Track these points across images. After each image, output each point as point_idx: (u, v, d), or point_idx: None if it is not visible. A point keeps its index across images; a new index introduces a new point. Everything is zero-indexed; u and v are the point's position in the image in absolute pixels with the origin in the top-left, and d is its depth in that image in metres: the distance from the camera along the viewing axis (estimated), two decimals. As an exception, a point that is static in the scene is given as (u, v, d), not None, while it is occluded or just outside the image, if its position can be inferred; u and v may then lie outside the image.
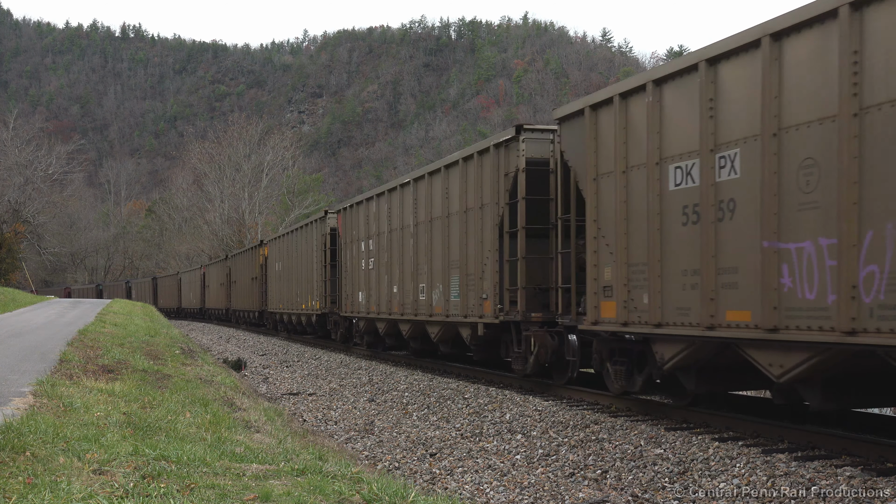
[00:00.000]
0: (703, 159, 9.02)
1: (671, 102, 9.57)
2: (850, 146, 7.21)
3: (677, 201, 9.45)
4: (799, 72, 7.79)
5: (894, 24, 6.87)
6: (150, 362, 12.89)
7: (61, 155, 65.28)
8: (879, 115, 6.96)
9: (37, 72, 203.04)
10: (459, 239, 15.28)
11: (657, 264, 9.75)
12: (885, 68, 6.90)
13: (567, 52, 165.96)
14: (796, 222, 7.88)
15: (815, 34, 7.57)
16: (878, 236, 6.99)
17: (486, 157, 14.15)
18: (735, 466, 7.78)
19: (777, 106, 8.01)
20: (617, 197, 10.50)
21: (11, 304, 32.51)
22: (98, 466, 5.33)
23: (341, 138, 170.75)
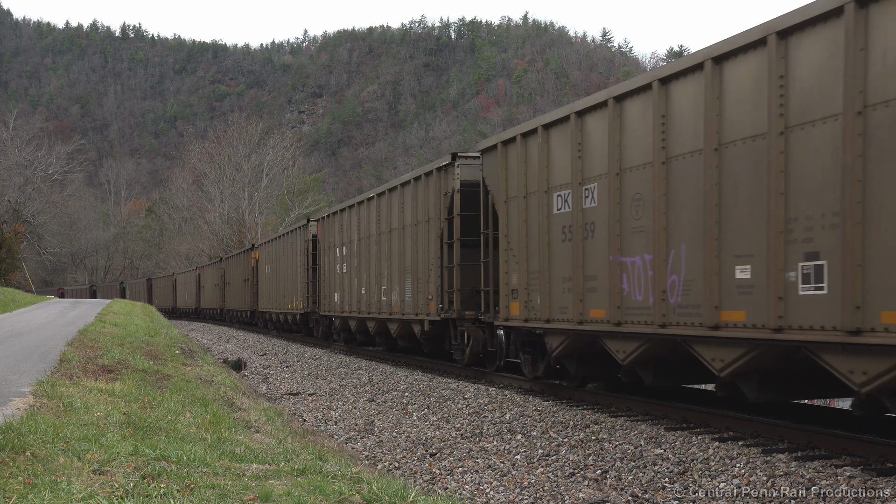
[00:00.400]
0: (574, 190, 11.53)
1: (555, 144, 11.99)
2: (660, 186, 9.72)
3: (559, 222, 11.92)
4: (633, 126, 10.28)
5: (690, 97, 9.31)
6: (150, 362, 12.89)
7: (61, 155, 65.29)
8: (677, 163, 9.49)
9: (37, 72, 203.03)
10: (411, 248, 17.83)
11: (546, 272, 12.21)
12: (685, 129, 9.38)
13: (567, 52, 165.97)
14: (630, 242, 10.40)
15: (641, 101, 10.12)
16: (677, 254, 9.55)
17: (431, 179, 16.69)
18: (735, 466, 7.78)
19: (619, 152, 10.48)
20: (520, 217, 12.97)
21: (11, 305, 32.51)
22: (98, 466, 5.33)
23: (341, 138, 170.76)
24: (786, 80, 8.04)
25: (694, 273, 9.29)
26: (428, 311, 16.82)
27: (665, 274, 9.70)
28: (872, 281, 7.16)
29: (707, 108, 8.89)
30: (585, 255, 11.27)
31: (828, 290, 7.65)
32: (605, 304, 10.82)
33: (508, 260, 13.45)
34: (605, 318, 10.80)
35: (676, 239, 9.56)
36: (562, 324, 11.78)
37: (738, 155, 8.65)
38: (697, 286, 9.22)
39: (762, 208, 8.33)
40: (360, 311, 21.40)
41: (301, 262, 27.99)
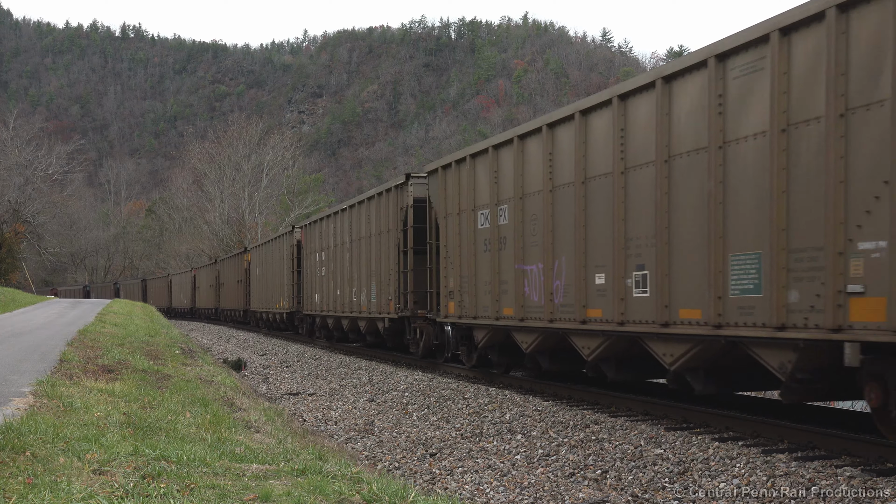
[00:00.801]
0: (491, 210, 14.02)
1: (479, 171, 14.50)
2: (548, 209, 12.18)
3: (482, 236, 14.39)
4: (531, 160, 12.73)
5: (569, 141, 11.62)
6: (150, 362, 12.89)
7: (61, 155, 65.28)
8: (559, 191, 11.95)
9: (37, 72, 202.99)
10: (375, 254, 20.36)
11: (473, 277, 14.69)
12: (564, 165, 11.80)
13: (567, 52, 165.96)
14: (530, 253, 12.83)
15: (537, 140, 12.55)
16: (560, 264, 11.96)
17: (390, 195, 19.28)
18: (735, 466, 7.78)
19: (522, 180, 12.96)
20: (454, 230, 15.42)
21: (11, 304, 32.52)
22: (98, 466, 5.33)
23: (341, 138, 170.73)
24: (625, 132, 10.44)
25: (570, 279, 11.69)
26: (388, 310, 19.32)
27: (552, 279, 12.21)
28: (675, 286, 9.60)
29: (577, 152, 11.44)
30: (500, 263, 13.80)
31: (650, 293, 10.06)
32: (513, 304, 13.34)
33: (447, 266, 15.87)
34: (514, 315, 13.27)
35: (559, 252, 12.03)
36: (484, 320, 14.34)
37: (597, 187, 11.09)
38: (572, 290, 11.64)
39: (611, 230, 10.76)
40: (336, 310, 23.95)
41: (287, 266, 30.27)
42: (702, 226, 9.19)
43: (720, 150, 8.92)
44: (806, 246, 7.93)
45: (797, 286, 8.01)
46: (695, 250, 9.32)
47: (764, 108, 8.38)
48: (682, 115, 9.53)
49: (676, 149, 9.61)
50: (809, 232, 7.88)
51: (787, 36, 8.14)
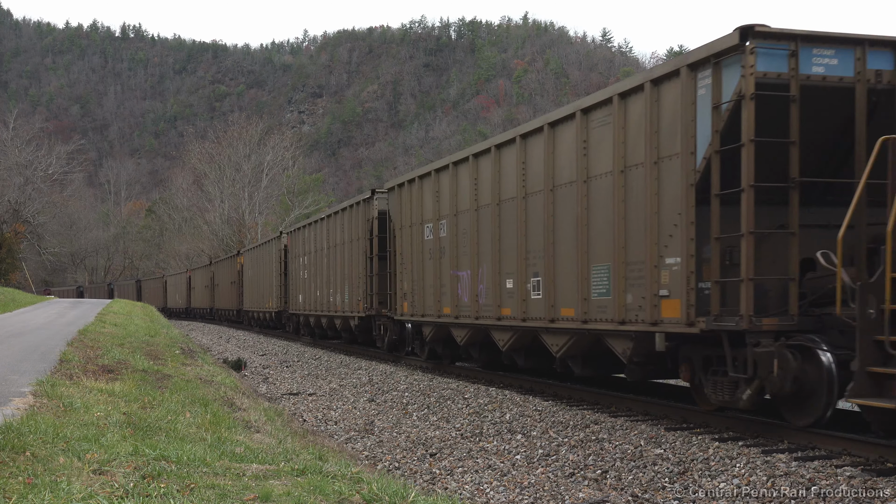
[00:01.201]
0: (434, 224, 16.55)
1: (425, 190, 16.97)
2: (474, 224, 14.70)
3: (427, 246, 16.89)
4: (463, 183, 15.27)
5: (489, 169, 14.02)
6: (150, 362, 12.89)
7: (61, 155, 65.26)
8: (482, 210, 14.42)
9: (37, 72, 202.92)
10: (348, 260, 22.74)
11: (421, 280, 17.16)
12: (485, 189, 14.28)
13: (567, 52, 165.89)
14: (462, 261, 15.29)
15: (468, 167, 14.95)
16: (483, 271, 14.40)
17: (360, 207, 21.77)
18: (735, 466, 7.78)
19: (456, 199, 15.48)
20: (407, 240, 18.01)
21: (11, 304, 32.52)
22: (98, 466, 5.33)
23: (341, 138, 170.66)
24: (525, 165, 12.90)
25: (489, 284, 14.09)
26: (358, 309, 21.82)
27: (477, 284, 14.62)
28: (558, 290, 11.99)
29: (493, 179, 13.90)
30: (441, 269, 16.22)
31: (542, 296, 12.44)
32: (450, 304, 15.73)
33: (401, 271, 18.42)
34: (451, 314, 15.68)
35: (482, 261, 14.45)
36: (430, 318, 16.81)
37: (507, 208, 13.53)
38: (491, 292, 14.05)
39: (516, 244, 13.13)
40: (317, 309, 26.44)
41: (275, 268, 32.63)
42: (574, 243, 11.54)
43: (585, 183, 11.30)
44: (636, 260, 10.24)
45: (631, 290, 10.35)
46: (570, 262, 11.67)
47: (610, 153, 10.75)
48: (562, 155, 11.96)
49: (558, 181, 12.04)
50: (638, 249, 10.19)
51: (624, 100, 10.53)
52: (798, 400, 8.70)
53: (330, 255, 24.61)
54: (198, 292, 54.22)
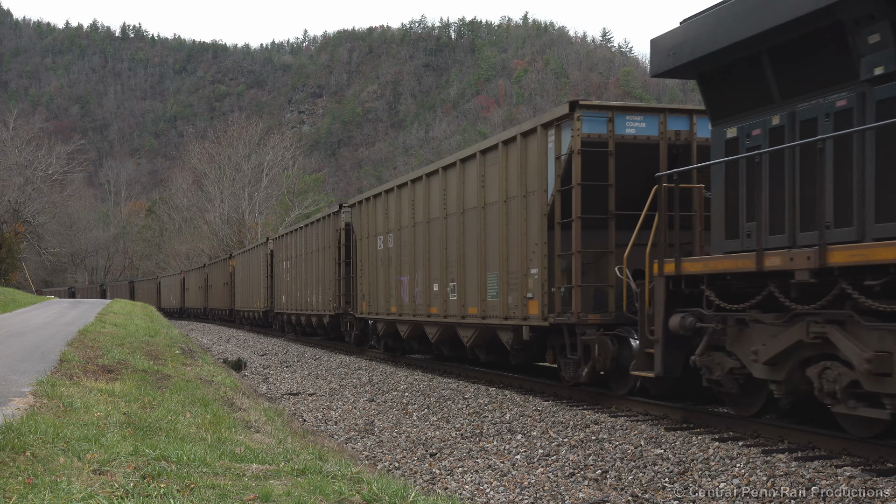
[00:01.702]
0: (384, 236, 19.71)
1: (378, 207, 20.29)
2: (411, 239, 17.72)
3: (380, 255, 19.97)
4: (402, 205, 18.39)
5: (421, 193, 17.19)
6: (150, 362, 12.89)
7: (61, 155, 65.24)
8: (416, 227, 17.47)
9: (37, 72, 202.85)
10: (322, 265, 25.86)
11: (375, 284, 20.34)
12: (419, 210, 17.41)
13: (567, 52, 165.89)
14: (403, 268, 18.36)
15: (407, 190, 18.12)
16: (417, 276, 17.42)
17: (329, 219, 25.06)
18: (735, 466, 7.78)
19: (399, 217, 18.65)
20: (364, 250, 21.35)
21: (11, 305, 32.51)
22: (98, 466, 5.33)
23: (341, 138, 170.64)
24: (446, 191, 16.12)
25: (422, 287, 17.18)
26: (329, 308, 24.96)
27: (414, 287, 17.72)
28: (467, 293, 15.13)
29: (424, 201, 17.18)
30: (389, 274, 19.26)
31: (457, 297, 15.53)
32: (395, 304, 18.90)
33: (361, 275, 21.56)
34: (396, 312, 18.86)
35: (417, 268, 17.56)
36: (382, 315, 19.92)
37: (434, 226, 16.72)
38: (423, 294, 17.16)
39: (439, 255, 16.31)
40: (297, 309, 29.42)
41: (263, 271, 35.34)
42: (477, 255, 14.74)
43: (483, 209, 14.50)
44: (514, 270, 13.38)
45: (511, 293, 13.48)
46: (474, 270, 14.87)
47: (497, 186, 13.93)
48: (469, 185, 15.16)
49: (467, 206, 15.24)
50: (514, 262, 13.33)
51: (506, 146, 13.65)
52: (619, 375, 11.55)
53: (307, 261, 27.69)
54: (192, 293, 57.04)
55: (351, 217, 22.92)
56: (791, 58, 8.63)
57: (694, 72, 9.85)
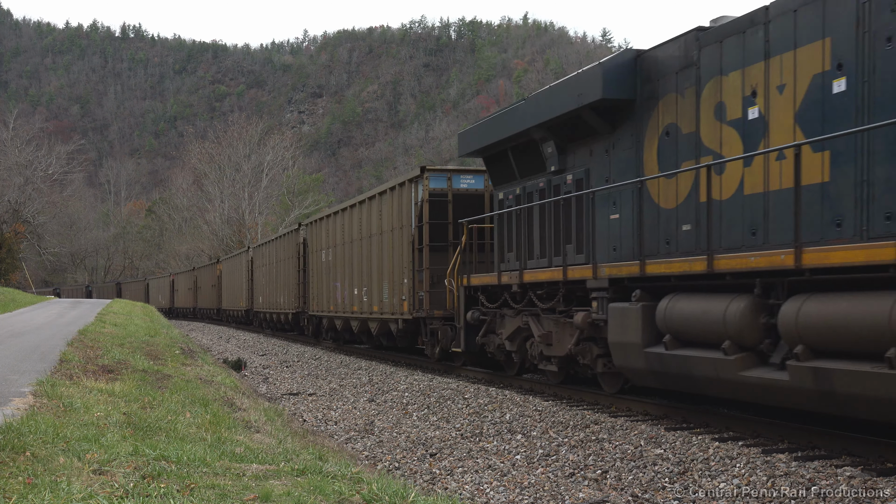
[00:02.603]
0: (326, 251, 24.98)
1: (323, 229, 25.61)
2: (342, 255, 23.33)
3: (324, 265, 25.11)
4: (337, 227, 24.24)
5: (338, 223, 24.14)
6: (149, 362, 12.89)
7: (61, 155, 65.23)
8: (340, 247, 23.59)
9: (37, 72, 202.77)
10: (287, 272, 31.14)
11: (321, 287, 25.69)
12: (348, 232, 23.01)
13: (567, 52, 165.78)
14: (337, 276, 23.78)
15: (339, 217, 24.07)
16: (346, 283, 22.92)
17: (291, 236, 30.67)
18: (735, 466, 7.78)
19: (334, 237, 24.23)
20: (315, 261, 26.71)
21: (11, 305, 32.51)
22: (98, 466, 5.33)
23: (341, 138, 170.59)
24: (361, 220, 21.42)
25: (348, 291, 22.39)
26: (292, 308, 30.40)
27: (343, 290, 23.00)
28: (373, 295, 20.19)
29: (348, 227, 22.65)
30: (330, 281, 24.70)
31: (367, 298, 20.61)
32: (333, 304, 24.25)
33: (312, 281, 27.16)
34: (333, 310, 24.22)
35: (345, 276, 22.88)
36: (325, 313, 25.41)
37: (355, 246, 21.98)
38: (348, 296, 22.35)
39: (358, 267, 21.56)
40: (271, 308, 34.53)
41: (245, 276, 40.38)
42: (377, 269, 20.16)
43: (380, 235, 20.11)
44: (396, 280, 18.75)
45: (395, 296, 18.91)
46: (376, 279, 20.22)
47: (389, 219, 19.41)
48: (374, 217, 20.67)
49: (373, 232, 20.73)
50: (396, 274, 18.73)
51: (392, 191, 19.17)
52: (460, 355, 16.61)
53: (277, 268, 33.00)
54: (181, 294, 62.18)
55: (307, 234, 28.29)
56: (522, 154, 14.01)
57: (480, 155, 15.48)
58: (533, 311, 13.16)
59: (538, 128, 12.74)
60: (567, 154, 12.71)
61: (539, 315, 13.00)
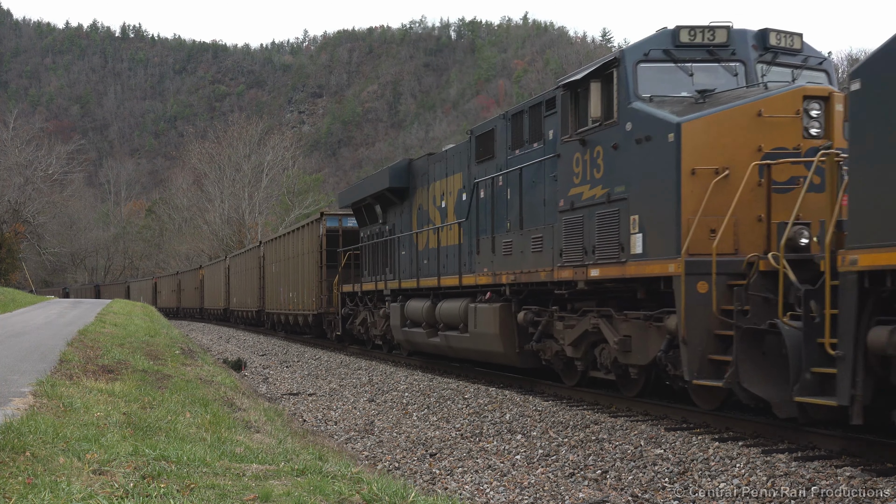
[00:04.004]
0: (274, 264, 32.86)
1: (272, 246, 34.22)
2: (280, 268, 32.10)
3: (273, 275, 33.20)
4: (277, 248, 33.34)
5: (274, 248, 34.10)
6: (149, 362, 12.89)
7: (61, 155, 65.20)
8: (282, 262, 32.02)
9: (37, 72, 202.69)
10: (251, 280, 38.01)
11: (273, 291, 33.22)
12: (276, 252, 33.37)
13: (567, 52, 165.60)
14: (280, 282, 31.63)
15: (275, 242, 34.15)
16: (285, 287, 31.04)
17: (254, 250, 37.94)
18: (735, 467, 7.78)
19: (275, 255, 33.03)
20: (270, 271, 34.10)
21: (11, 305, 32.51)
22: (98, 466, 5.33)
23: (341, 138, 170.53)
24: (287, 246, 30.82)
25: (285, 294, 30.22)
26: (255, 307, 37.23)
27: (285, 294, 30.29)
28: (299, 297, 28.40)
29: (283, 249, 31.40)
30: (276, 286, 31.80)
31: (295, 299, 28.84)
32: (280, 304, 31.08)
33: (268, 286, 33.91)
34: (279, 308, 31.23)
35: (283, 284, 30.53)
36: (274, 310, 32.37)
37: (287, 262, 30.42)
38: (285, 299, 30.32)
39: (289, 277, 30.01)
40: (241, 307, 41.29)
41: (223, 280, 46.59)
42: (298, 278, 28.09)
43: (303, 256, 27.64)
44: (309, 287, 26.71)
45: (307, 298, 26.87)
46: (298, 286, 28.16)
47: (305, 246, 27.34)
48: (296, 243, 28.77)
49: (297, 253, 28.19)
50: (310, 282, 26.70)
51: (308, 226, 27.41)
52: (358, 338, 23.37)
53: (246, 276, 39.77)
54: (164, 295, 67.90)
55: (265, 250, 35.53)
56: (368, 210, 21.63)
57: (351, 208, 22.90)
58: (367, 308, 21.78)
59: (370, 197, 20.78)
60: (386, 213, 20.59)
61: (372, 310, 21.40)
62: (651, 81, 10.31)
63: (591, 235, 10.91)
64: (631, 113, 10.18)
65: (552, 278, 11.89)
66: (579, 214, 11.21)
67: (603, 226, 10.68)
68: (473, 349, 14.98)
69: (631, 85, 10.24)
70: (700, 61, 10.40)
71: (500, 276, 13.61)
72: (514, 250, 13.28)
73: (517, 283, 13.10)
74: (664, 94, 10.27)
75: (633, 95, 10.20)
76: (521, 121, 13.41)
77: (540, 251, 12.38)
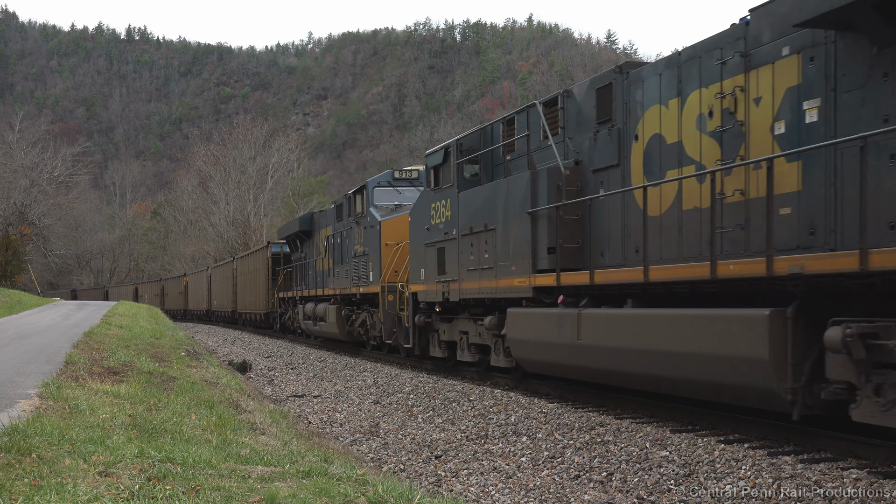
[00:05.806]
0: (242, 275, 43.76)
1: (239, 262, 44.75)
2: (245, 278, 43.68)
3: (241, 283, 43.55)
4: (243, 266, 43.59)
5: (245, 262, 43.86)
6: (155, 364, 12.90)
7: (67, 157, 65.33)
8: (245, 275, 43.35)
9: (42, 74, 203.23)
10: (227, 286, 46.30)
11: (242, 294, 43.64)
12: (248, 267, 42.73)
13: (572, 53, 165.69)
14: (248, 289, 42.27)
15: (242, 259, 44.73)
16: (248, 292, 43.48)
17: (229, 264, 46.63)
18: (741, 469, 7.76)
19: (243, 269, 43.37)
20: (242, 280, 43.77)
21: (17, 307, 32.59)
22: (104, 468, 5.33)
23: (346, 140, 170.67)
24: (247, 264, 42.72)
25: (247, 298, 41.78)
26: (229, 307, 44.90)
27: (251, 298, 40.22)
28: (254, 299, 40.29)
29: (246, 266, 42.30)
30: (243, 291, 42.35)
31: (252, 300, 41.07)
32: (244, 305, 42.18)
33: (239, 291, 43.16)
34: (244, 308, 42.32)
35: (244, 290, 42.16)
36: (242, 310, 42.83)
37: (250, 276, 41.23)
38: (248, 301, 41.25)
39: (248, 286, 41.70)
40: (220, 308, 48.66)
41: (206, 286, 52.89)
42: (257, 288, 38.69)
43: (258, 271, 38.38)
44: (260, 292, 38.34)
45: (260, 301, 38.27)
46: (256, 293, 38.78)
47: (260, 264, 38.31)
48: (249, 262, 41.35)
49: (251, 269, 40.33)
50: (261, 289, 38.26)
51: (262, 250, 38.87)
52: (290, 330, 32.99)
53: (223, 283, 47.56)
54: (147, 299, 70.85)
55: (237, 264, 43.74)
56: (294, 242, 31.69)
57: (286, 240, 32.87)
58: (292, 308, 30.41)
59: (293, 234, 30.14)
60: (302, 245, 29.97)
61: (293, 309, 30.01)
62: (379, 197, 21.28)
63: (360, 271, 21.66)
64: (370, 212, 21.11)
65: (353, 292, 22.33)
66: (356, 259, 22.05)
67: (360, 267, 21.79)
68: (328, 332, 25.25)
69: (370, 198, 21.26)
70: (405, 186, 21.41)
71: (336, 290, 24.19)
72: (342, 275, 23.71)
73: (341, 293, 23.67)
74: (382, 204, 21.15)
75: (371, 204, 21.20)
76: (344, 205, 23.61)
77: (348, 277, 22.86)
